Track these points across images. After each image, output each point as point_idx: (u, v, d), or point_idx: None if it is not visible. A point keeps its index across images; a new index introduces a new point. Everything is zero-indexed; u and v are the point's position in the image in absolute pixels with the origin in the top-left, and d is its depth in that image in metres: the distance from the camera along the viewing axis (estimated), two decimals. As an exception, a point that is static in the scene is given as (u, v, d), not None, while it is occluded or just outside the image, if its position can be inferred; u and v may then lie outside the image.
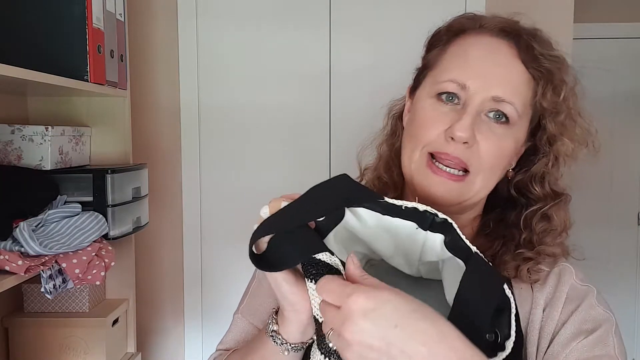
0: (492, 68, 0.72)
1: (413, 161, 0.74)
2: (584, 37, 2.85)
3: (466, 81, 0.71)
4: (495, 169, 0.72)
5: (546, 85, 0.72)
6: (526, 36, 0.75)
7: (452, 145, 0.70)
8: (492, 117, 0.71)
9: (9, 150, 1.52)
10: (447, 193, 0.71)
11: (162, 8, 2.22)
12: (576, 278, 0.77)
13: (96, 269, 1.47)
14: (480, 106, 0.71)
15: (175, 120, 2.26)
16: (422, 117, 0.73)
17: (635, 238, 3.20)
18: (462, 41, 0.76)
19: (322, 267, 0.57)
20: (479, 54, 0.73)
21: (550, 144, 0.75)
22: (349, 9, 2.20)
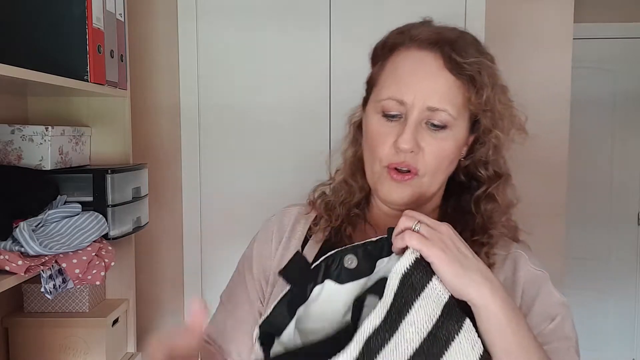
0: (422, 81, 0.80)
1: (374, 172, 0.84)
2: (584, 37, 2.85)
3: (402, 97, 0.80)
4: (441, 167, 0.82)
5: (471, 89, 0.80)
6: (448, 46, 0.81)
7: (402, 155, 0.80)
8: (431, 126, 0.80)
9: (9, 150, 1.52)
10: (400, 193, 0.82)
11: (162, 8, 2.22)
12: (531, 264, 0.85)
13: (96, 269, 1.47)
14: (419, 117, 0.79)
15: (175, 120, 2.25)
16: (373, 133, 0.83)
17: (635, 238, 3.19)
18: (395, 58, 0.84)
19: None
20: (409, 69, 0.81)
21: (486, 134, 0.84)
22: (349, 9, 2.20)
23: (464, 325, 0.67)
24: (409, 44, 0.83)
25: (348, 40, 2.16)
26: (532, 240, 2.52)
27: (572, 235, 2.96)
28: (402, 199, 0.82)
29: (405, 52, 0.83)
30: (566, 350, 0.78)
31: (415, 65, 0.81)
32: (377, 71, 0.86)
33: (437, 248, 0.67)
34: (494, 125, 0.84)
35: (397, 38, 0.86)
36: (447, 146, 0.81)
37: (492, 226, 0.84)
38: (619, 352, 3.23)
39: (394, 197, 0.82)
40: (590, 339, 3.23)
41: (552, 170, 2.24)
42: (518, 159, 2.52)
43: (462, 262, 0.67)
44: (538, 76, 2.21)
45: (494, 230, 0.84)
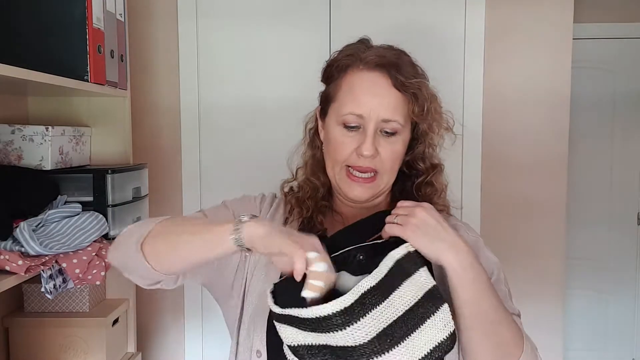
0: (376, 98, 0.97)
1: (336, 173, 1.01)
2: (584, 37, 2.85)
3: (361, 112, 0.97)
4: (395, 166, 1.01)
5: (414, 103, 0.99)
6: (393, 69, 0.98)
7: (362, 160, 0.97)
8: (384, 134, 0.98)
9: (9, 150, 1.52)
10: (363, 193, 0.99)
11: (162, 8, 2.23)
12: (467, 231, 1.03)
13: (96, 269, 1.47)
14: (375, 127, 0.97)
15: (175, 120, 2.26)
16: (335, 141, 1.00)
17: (635, 238, 3.19)
18: (349, 78, 1.00)
19: None
20: (364, 87, 0.98)
21: (423, 136, 1.04)
22: (349, 9, 2.20)
23: (440, 308, 0.82)
24: (360, 66, 1.00)
25: (348, 40, 2.15)
26: (532, 240, 2.53)
27: (572, 235, 2.96)
28: (362, 197, 1.00)
29: (359, 72, 1.00)
30: (505, 297, 0.97)
31: (369, 85, 0.98)
32: (334, 89, 1.02)
33: (409, 230, 0.86)
34: (430, 129, 1.03)
35: (348, 59, 1.02)
36: (397, 148, 1.00)
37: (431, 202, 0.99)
38: (619, 352, 3.23)
39: (355, 194, 0.99)
40: (590, 339, 3.23)
41: (552, 170, 2.24)
42: (518, 159, 2.53)
43: (431, 235, 0.86)
44: (538, 76, 2.21)
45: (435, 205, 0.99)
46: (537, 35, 2.20)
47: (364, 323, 0.76)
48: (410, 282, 0.82)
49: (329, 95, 1.04)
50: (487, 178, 2.23)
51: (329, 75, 1.05)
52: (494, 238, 2.21)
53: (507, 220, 2.25)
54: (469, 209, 2.21)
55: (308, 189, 1.07)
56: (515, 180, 2.25)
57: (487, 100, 2.21)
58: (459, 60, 2.20)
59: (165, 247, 0.92)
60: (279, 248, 0.78)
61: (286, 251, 0.77)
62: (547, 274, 2.25)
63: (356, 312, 0.76)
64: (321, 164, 1.06)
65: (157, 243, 0.92)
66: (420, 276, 0.83)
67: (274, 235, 0.80)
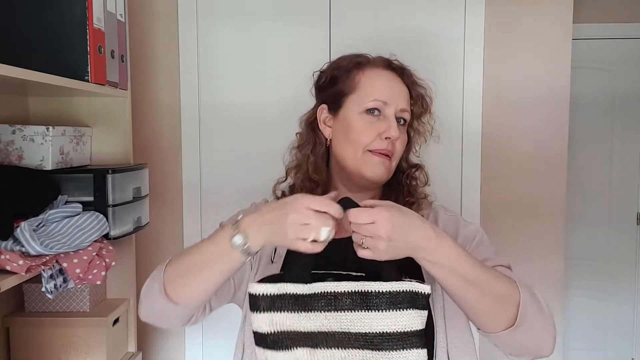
0: (395, 89, 1.10)
1: (358, 158, 1.08)
2: (584, 37, 2.86)
3: (385, 99, 1.08)
4: (400, 154, 1.12)
5: (421, 101, 1.13)
6: (403, 71, 1.13)
7: (385, 142, 1.07)
8: (400, 122, 1.10)
9: (10, 150, 1.52)
10: (384, 172, 1.08)
11: (162, 8, 2.23)
12: (446, 213, 1.15)
13: (97, 268, 1.47)
14: (394, 115, 1.08)
15: (175, 120, 2.26)
16: (358, 128, 1.08)
17: (635, 238, 3.19)
18: (368, 72, 1.11)
19: None
20: (383, 81, 1.10)
21: (412, 135, 1.16)
22: (349, 9, 2.20)
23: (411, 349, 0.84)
24: (374, 65, 1.12)
25: (348, 40, 2.16)
26: (532, 240, 2.53)
27: (572, 235, 2.96)
28: (383, 176, 1.09)
29: (375, 69, 1.12)
30: (491, 255, 1.05)
31: (388, 79, 1.11)
32: (350, 83, 1.11)
33: (380, 253, 0.84)
34: (420, 128, 1.15)
35: (359, 59, 1.13)
36: (405, 138, 1.12)
37: (415, 194, 1.15)
38: (619, 352, 3.23)
39: (377, 173, 1.07)
40: (590, 339, 3.23)
41: (552, 170, 2.25)
42: (518, 159, 2.53)
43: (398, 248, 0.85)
44: (538, 76, 2.22)
45: (417, 196, 1.15)
46: (537, 35, 2.21)
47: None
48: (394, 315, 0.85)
49: (342, 91, 1.11)
50: (486, 178, 2.23)
51: (336, 75, 1.13)
52: (494, 238, 2.20)
53: (507, 220, 2.25)
54: (469, 208, 2.22)
55: (304, 189, 1.12)
56: (515, 180, 2.25)
57: (486, 100, 2.21)
58: (458, 60, 2.21)
59: (183, 282, 0.96)
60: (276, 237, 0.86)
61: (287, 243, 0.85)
62: (547, 273, 2.25)
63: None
64: (324, 160, 1.14)
65: (176, 282, 0.96)
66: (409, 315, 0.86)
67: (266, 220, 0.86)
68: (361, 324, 0.84)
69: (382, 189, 1.16)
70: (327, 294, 0.84)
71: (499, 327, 0.91)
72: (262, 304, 0.86)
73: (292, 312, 0.85)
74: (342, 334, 0.84)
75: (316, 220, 0.82)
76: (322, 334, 0.84)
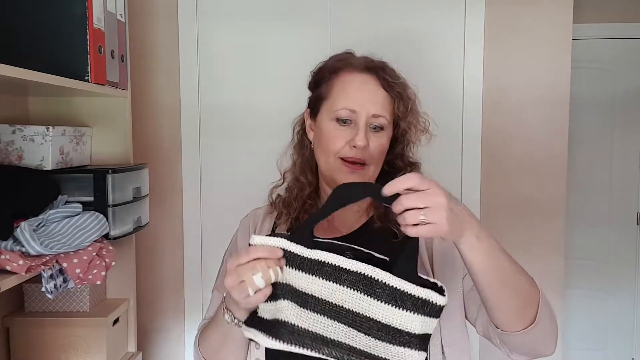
0: (367, 94, 1.07)
1: (330, 164, 1.08)
2: (584, 37, 2.86)
3: (353, 107, 1.06)
4: (380, 159, 1.09)
5: (399, 101, 1.09)
6: (381, 71, 1.09)
7: (354, 151, 1.05)
8: (373, 128, 1.07)
9: (10, 150, 1.52)
10: (355, 180, 1.04)
11: (162, 8, 2.23)
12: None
13: (97, 268, 1.47)
14: (366, 122, 1.06)
15: (175, 120, 2.26)
16: (328, 135, 1.08)
17: (635, 238, 3.19)
18: (342, 78, 1.10)
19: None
20: (355, 85, 1.08)
21: (403, 135, 1.13)
22: (349, 9, 2.20)
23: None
24: (351, 68, 1.10)
25: (348, 40, 2.16)
26: (532, 240, 2.53)
27: (572, 235, 2.96)
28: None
29: (350, 74, 1.09)
30: None
31: (360, 83, 1.08)
32: (326, 89, 1.11)
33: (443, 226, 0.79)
34: (409, 128, 1.12)
35: (339, 63, 1.11)
36: (383, 142, 1.09)
37: None
38: (619, 352, 3.23)
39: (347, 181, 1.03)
40: (590, 339, 3.23)
41: (552, 170, 2.25)
42: (518, 159, 2.53)
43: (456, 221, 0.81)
44: (538, 76, 2.22)
45: None
46: (537, 35, 2.21)
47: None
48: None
49: (320, 96, 1.12)
50: (486, 178, 2.23)
51: (319, 79, 1.14)
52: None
53: (507, 220, 2.25)
54: (469, 208, 2.22)
55: (295, 189, 1.16)
56: (515, 180, 2.25)
57: (486, 100, 2.21)
58: (458, 60, 2.21)
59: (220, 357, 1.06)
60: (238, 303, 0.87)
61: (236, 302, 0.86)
62: (547, 273, 2.25)
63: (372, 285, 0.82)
64: (309, 162, 1.16)
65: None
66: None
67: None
68: (355, 303, 0.82)
69: None
70: (330, 265, 0.82)
71: (520, 326, 0.91)
72: None
73: (289, 267, 0.83)
74: (333, 305, 0.82)
75: (245, 274, 0.81)
76: (313, 297, 0.82)
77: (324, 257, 0.83)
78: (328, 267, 0.82)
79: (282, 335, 0.82)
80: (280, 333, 0.82)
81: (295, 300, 0.83)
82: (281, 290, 0.84)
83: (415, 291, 0.80)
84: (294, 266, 0.83)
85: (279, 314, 0.83)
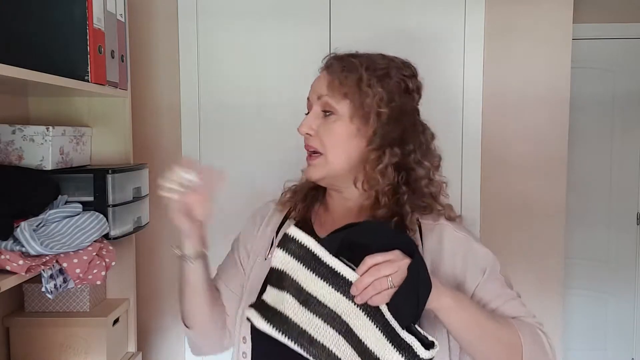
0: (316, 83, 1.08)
1: None
2: (584, 37, 2.85)
3: (308, 96, 1.09)
4: (338, 148, 1.04)
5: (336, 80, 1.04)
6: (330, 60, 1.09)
7: (306, 139, 1.07)
8: (324, 114, 1.05)
9: (10, 150, 1.52)
10: (311, 172, 1.06)
11: (162, 8, 2.23)
12: (455, 231, 1.05)
13: (97, 268, 1.47)
14: (315, 109, 1.06)
15: (175, 120, 2.26)
16: None
17: (635, 238, 3.19)
18: None
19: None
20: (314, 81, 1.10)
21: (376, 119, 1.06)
22: (349, 9, 2.20)
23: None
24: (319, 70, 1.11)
25: (348, 40, 2.16)
26: (532, 240, 2.53)
27: (572, 235, 2.96)
28: (311, 176, 1.07)
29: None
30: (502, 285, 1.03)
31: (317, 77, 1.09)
32: None
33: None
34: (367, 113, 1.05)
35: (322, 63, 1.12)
36: (335, 128, 1.03)
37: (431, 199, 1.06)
38: (619, 352, 3.23)
39: (308, 175, 1.08)
40: (590, 339, 3.23)
41: (552, 170, 2.25)
42: (518, 159, 2.53)
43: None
44: (538, 76, 2.22)
45: (433, 202, 1.06)
46: (537, 35, 2.21)
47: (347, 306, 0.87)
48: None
49: None
50: (486, 178, 2.23)
51: None
52: (494, 238, 2.21)
53: (507, 220, 2.25)
54: (469, 209, 2.22)
55: (297, 185, 1.18)
56: (515, 180, 2.25)
57: (486, 100, 2.21)
58: (458, 60, 2.21)
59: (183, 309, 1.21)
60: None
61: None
62: (546, 273, 2.25)
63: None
64: None
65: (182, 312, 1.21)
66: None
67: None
68: (353, 318, 0.87)
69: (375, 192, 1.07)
70: (343, 278, 0.87)
71: None
72: (289, 245, 0.91)
73: (305, 267, 0.89)
74: (332, 312, 0.88)
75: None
76: (316, 300, 0.88)
77: (340, 269, 0.87)
78: (341, 279, 0.87)
79: (274, 322, 0.89)
80: (273, 320, 0.89)
81: (298, 298, 0.89)
82: (287, 285, 0.90)
83: (402, 334, 0.85)
84: (310, 268, 0.89)
85: (279, 304, 0.90)
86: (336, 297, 0.87)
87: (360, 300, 0.85)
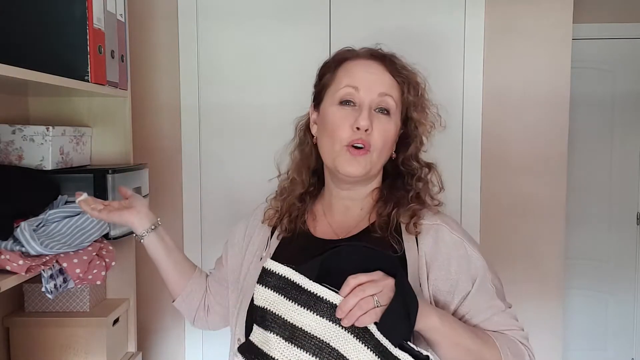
0: (371, 76, 1.04)
1: (335, 151, 1.03)
2: (584, 37, 2.85)
3: (356, 84, 1.03)
4: (385, 147, 1.04)
5: (408, 85, 1.05)
6: (388, 57, 1.07)
7: (358, 133, 1.01)
8: (379, 111, 1.03)
9: (10, 150, 1.52)
10: (358, 168, 1.02)
11: (162, 8, 2.23)
12: (451, 233, 1.04)
13: (97, 268, 1.47)
14: (370, 102, 1.02)
15: (175, 120, 2.26)
16: (333, 119, 1.04)
17: (635, 238, 3.19)
18: (346, 65, 1.07)
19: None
20: (360, 68, 1.05)
21: (416, 127, 1.07)
22: (349, 9, 2.20)
23: None
24: (356, 57, 1.07)
25: (348, 40, 2.16)
26: (532, 240, 2.53)
27: (572, 235, 2.96)
28: (357, 172, 1.03)
29: (355, 60, 1.07)
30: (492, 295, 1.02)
31: (365, 67, 1.05)
32: (330, 77, 1.08)
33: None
34: (423, 118, 1.07)
35: (345, 54, 1.09)
36: (389, 128, 1.04)
37: (422, 200, 1.07)
38: (619, 351, 3.23)
39: (350, 170, 1.02)
40: (590, 339, 3.23)
41: (552, 170, 2.25)
42: (518, 159, 2.53)
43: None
44: (538, 76, 2.22)
45: (424, 202, 1.08)
46: (537, 35, 2.21)
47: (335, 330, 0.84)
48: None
49: (325, 85, 1.09)
50: (486, 178, 2.23)
51: (325, 72, 1.11)
52: (494, 238, 2.21)
53: (507, 220, 2.25)
54: (469, 208, 2.22)
55: (287, 191, 1.16)
56: (515, 180, 2.25)
57: (486, 100, 2.21)
58: (458, 60, 2.21)
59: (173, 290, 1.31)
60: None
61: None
62: (546, 273, 2.26)
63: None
64: (308, 160, 1.14)
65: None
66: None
67: None
68: (342, 343, 0.84)
69: (379, 192, 1.11)
70: (327, 302, 0.84)
71: None
72: (267, 279, 0.88)
73: (285, 298, 0.87)
74: (320, 341, 0.84)
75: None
76: (302, 331, 0.85)
77: (323, 294, 0.85)
78: (325, 304, 0.84)
79: None
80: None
81: (282, 334, 0.86)
82: (270, 322, 0.86)
83: (396, 352, 0.83)
84: (291, 298, 0.86)
85: (264, 345, 0.87)
86: (322, 324, 0.84)
87: (347, 323, 0.82)
